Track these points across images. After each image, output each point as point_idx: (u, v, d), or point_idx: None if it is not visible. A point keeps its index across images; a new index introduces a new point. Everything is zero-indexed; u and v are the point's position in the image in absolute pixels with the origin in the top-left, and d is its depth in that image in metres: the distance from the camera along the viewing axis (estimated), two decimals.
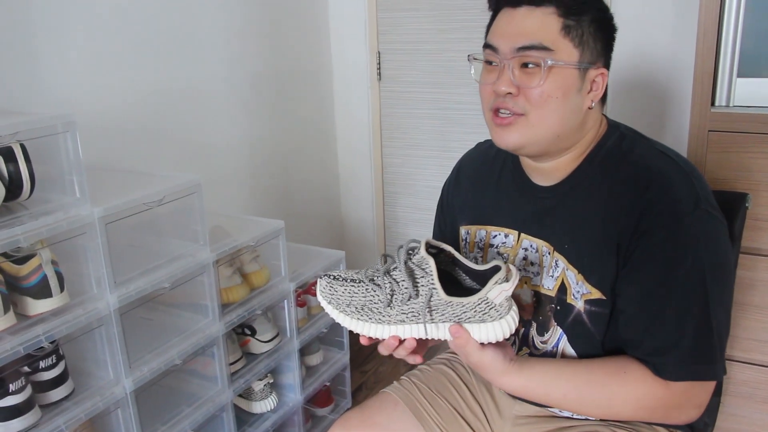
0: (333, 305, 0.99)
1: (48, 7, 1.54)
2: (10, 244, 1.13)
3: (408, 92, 2.54)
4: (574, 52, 1.02)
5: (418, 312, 0.95)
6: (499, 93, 1.04)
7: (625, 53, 2.13)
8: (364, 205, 2.79)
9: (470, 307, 0.94)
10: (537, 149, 1.07)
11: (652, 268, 1.01)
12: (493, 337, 0.96)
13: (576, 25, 1.01)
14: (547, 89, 1.01)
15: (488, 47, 1.07)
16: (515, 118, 1.04)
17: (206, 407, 1.60)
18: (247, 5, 2.17)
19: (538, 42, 1.00)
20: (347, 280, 0.98)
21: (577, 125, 1.07)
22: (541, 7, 1.01)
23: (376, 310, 0.97)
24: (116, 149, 1.76)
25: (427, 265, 0.93)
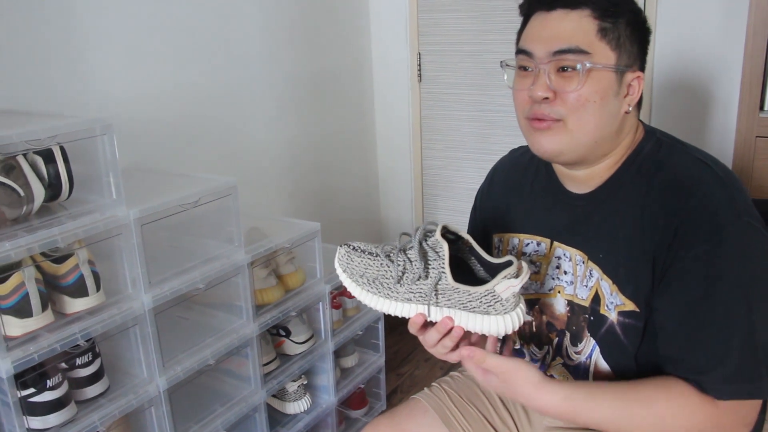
0: (347, 274, 1.00)
1: (90, 12, 1.58)
2: (48, 244, 1.16)
3: (448, 94, 2.52)
4: (611, 55, 0.99)
5: (425, 293, 0.96)
6: (536, 98, 1.01)
7: (669, 55, 2.07)
8: (403, 207, 2.78)
9: (476, 297, 0.95)
10: (575, 156, 1.04)
11: (693, 283, 0.97)
12: (494, 330, 0.96)
13: (612, 28, 0.99)
14: (584, 93, 0.98)
15: (522, 52, 1.04)
16: (552, 123, 1.01)
17: (239, 407, 1.61)
18: (288, 7, 2.19)
19: (575, 45, 0.98)
20: (365, 252, 1.00)
21: (615, 131, 1.04)
22: (576, 10, 0.99)
23: (386, 284, 0.98)
24: (156, 150, 1.79)
25: (441, 249, 0.94)
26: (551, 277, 1.16)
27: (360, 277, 0.99)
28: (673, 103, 2.10)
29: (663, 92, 2.09)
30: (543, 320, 1.19)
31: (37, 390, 1.20)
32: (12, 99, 1.44)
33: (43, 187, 1.20)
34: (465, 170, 2.57)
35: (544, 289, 1.17)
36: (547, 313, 1.18)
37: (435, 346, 1.02)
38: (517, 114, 1.08)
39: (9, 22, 1.42)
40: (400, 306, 0.99)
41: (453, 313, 0.98)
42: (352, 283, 1.00)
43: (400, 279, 0.97)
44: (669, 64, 2.06)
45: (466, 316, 0.97)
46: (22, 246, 1.12)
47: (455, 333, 0.99)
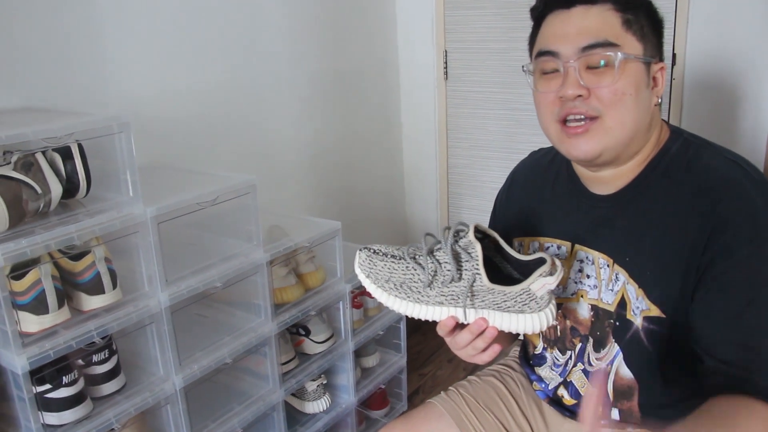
0: (371, 279, 0.96)
1: (113, 11, 1.59)
2: (65, 241, 1.16)
3: (475, 92, 2.49)
4: (638, 46, 0.97)
5: (458, 295, 0.93)
6: (568, 97, 0.98)
7: (700, 53, 2.02)
8: (428, 206, 2.75)
9: (511, 297, 0.92)
10: (613, 154, 1.01)
11: (736, 288, 0.93)
12: (530, 328, 0.94)
13: (635, 19, 0.97)
14: (620, 87, 0.96)
15: (545, 54, 1.01)
16: (589, 123, 0.98)
17: (257, 406, 1.61)
18: (313, 5, 2.18)
19: (604, 39, 0.95)
20: (387, 255, 0.96)
21: (647, 125, 1.01)
22: (597, 5, 0.97)
23: (415, 288, 0.94)
24: (179, 148, 1.80)
25: (473, 250, 0.91)
26: (573, 281, 1.13)
27: (386, 282, 0.96)
28: (703, 102, 2.04)
29: (694, 91, 2.03)
30: (567, 325, 1.16)
31: (53, 386, 1.21)
32: (35, 97, 1.45)
33: (60, 184, 1.20)
34: (491, 169, 2.53)
35: (567, 293, 1.14)
36: (570, 317, 1.15)
37: (465, 347, 0.99)
38: (545, 119, 1.04)
39: (32, 22, 1.43)
40: (432, 310, 0.96)
41: (487, 314, 0.95)
42: (377, 289, 0.97)
43: (431, 282, 0.94)
44: (700, 63, 2.00)
45: (500, 316, 0.95)
46: (38, 243, 1.12)
47: (489, 334, 0.96)
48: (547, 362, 1.21)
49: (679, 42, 2.01)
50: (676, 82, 2.05)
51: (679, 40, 2.01)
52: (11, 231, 1.13)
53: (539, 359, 1.23)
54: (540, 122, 1.07)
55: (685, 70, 2.03)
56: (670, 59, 2.03)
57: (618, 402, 1.09)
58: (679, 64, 2.03)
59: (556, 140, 1.05)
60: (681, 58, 2.03)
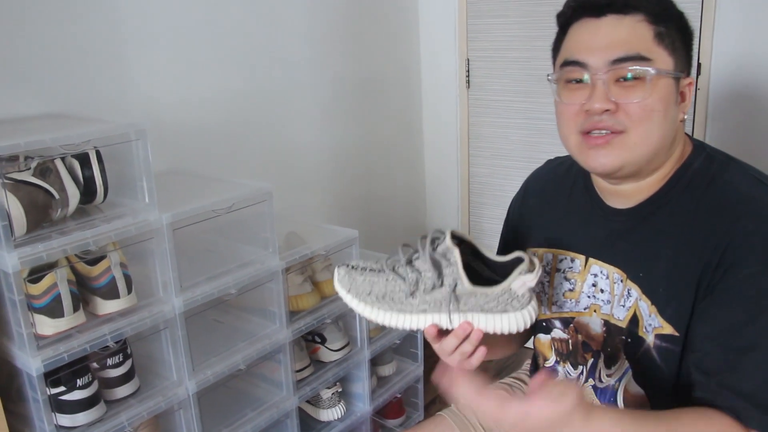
0: (352, 294, 0.97)
1: (135, 19, 1.61)
2: (80, 246, 1.18)
3: (497, 101, 2.47)
4: (669, 60, 0.95)
5: (440, 301, 0.93)
6: (595, 111, 0.95)
7: (726, 63, 1.98)
8: (449, 215, 2.74)
9: (493, 297, 0.93)
10: (633, 169, 0.99)
11: (738, 304, 0.91)
12: (514, 327, 0.94)
13: (666, 32, 0.94)
14: (650, 103, 0.93)
15: (572, 63, 0.98)
16: (611, 136, 0.96)
17: (270, 412, 1.61)
18: (336, 12, 2.19)
19: (635, 52, 0.93)
20: (366, 270, 0.97)
21: (672, 141, 0.99)
22: (629, 15, 0.94)
23: (397, 299, 0.95)
24: (199, 154, 1.82)
25: (452, 255, 0.91)
26: (587, 295, 1.11)
27: (367, 295, 0.96)
28: (730, 113, 2.00)
29: (720, 102, 1.99)
30: (579, 339, 1.14)
31: (68, 388, 1.23)
32: (58, 104, 1.48)
33: (78, 190, 1.22)
34: (512, 178, 2.51)
35: (579, 307, 1.12)
36: (582, 332, 1.13)
37: (453, 353, 0.98)
38: (566, 130, 1.02)
39: (56, 30, 1.46)
40: (416, 318, 0.95)
41: (471, 317, 0.95)
42: (359, 303, 0.97)
43: (413, 292, 0.94)
44: (726, 73, 1.97)
45: (484, 318, 0.95)
46: (54, 248, 1.15)
47: (474, 336, 0.95)
48: (559, 376, 1.20)
49: (705, 51, 1.98)
50: (701, 92, 2.01)
51: (705, 48, 1.98)
52: (29, 235, 1.15)
53: (553, 372, 1.21)
54: (560, 132, 1.05)
55: (711, 79, 2.00)
56: (695, 68, 2.00)
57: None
58: (704, 74, 2.00)
59: (575, 151, 1.02)
60: (706, 67, 1.99)
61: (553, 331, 1.17)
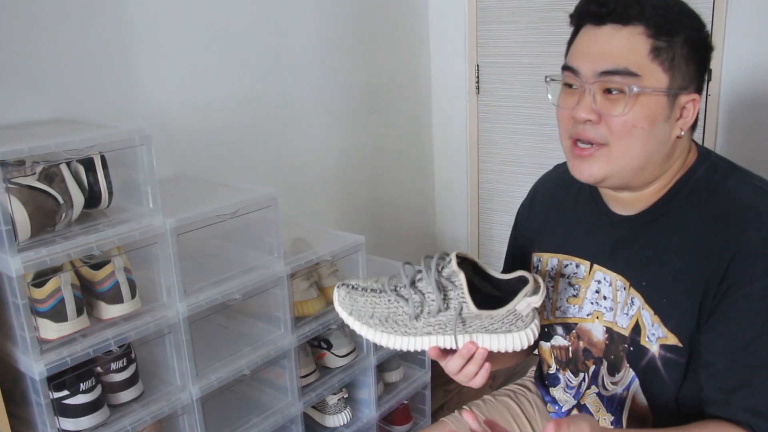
0: (354, 317, 0.96)
1: (143, 24, 1.62)
2: (84, 251, 1.19)
3: (506, 107, 2.46)
4: (663, 77, 0.92)
5: (445, 324, 0.93)
6: (578, 119, 0.96)
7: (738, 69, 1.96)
8: (458, 221, 2.73)
9: (498, 319, 0.93)
10: (618, 182, 0.99)
11: (748, 320, 0.90)
12: (518, 345, 0.95)
13: (667, 47, 0.92)
14: (631, 118, 0.92)
15: (568, 69, 0.98)
16: (596, 148, 0.96)
17: (275, 418, 1.61)
18: (345, 18, 2.19)
19: (624, 67, 0.92)
20: (367, 290, 0.96)
21: (664, 156, 0.97)
22: (628, 26, 0.92)
23: (401, 322, 0.94)
24: (207, 159, 1.82)
25: (457, 279, 0.92)
26: (590, 301, 1.10)
27: (370, 318, 0.95)
28: (741, 119, 1.98)
29: (731, 108, 1.97)
30: (580, 346, 1.13)
31: (71, 392, 1.23)
32: (66, 109, 1.49)
33: (82, 195, 1.23)
34: (522, 184, 2.50)
35: (582, 313, 1.12)
36: (584, 339, 1.12)
37: (458, 373, 0.98)
38: (560, 133, 1.03)
39: (64, 36, 1.47)
40: (420, 340, 0.96)
41: (475, 338, 0.95)
42: (363, 326, 0.96)
43: (418, 315, 0.93)
44: (738, 78, 1.95)
45: (489, 338, 0.95)
46: (58, 252, 1.15)
47: (479, 356, 0.96)
48: (560, 383, 1.19)
49: (716, 56, 1.96)
50: (712, 98, 1.99)
51: (716, 54, 1.96)
52: (33, 240, 1.16)
53: (553, 379, 1.20)
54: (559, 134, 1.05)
55: (721, 85, 1.98)
56: None
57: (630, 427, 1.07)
58: (714, 80, 1.98)
59: (567, 157, 1.03)
60: (717, 73, 1.97)
61: (553, 338, 1.17)
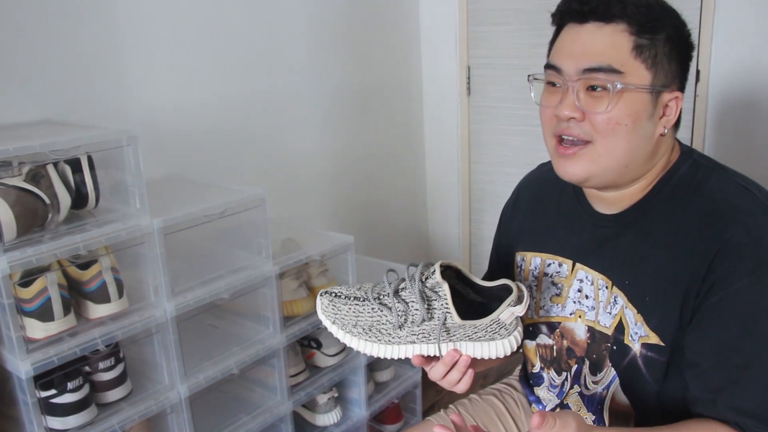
0: (338, 325, 0.96)
1: (134, 24, 1.63)
2: (70, 251, 1.20)
3: (497, 108, 2.47)
4: (646, 75, 0.93)
5: (429, 333, 0.94)
6: (562, 117, 0.96)
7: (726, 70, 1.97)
8: (450, 222, 2.74)
9: (482, 328, 0.94)
10: (603, 181, 0.99)
11: (733, 319, 0.91)
12: (501, 353, 0.96)
13: (649, 45, 0.93)
14: (615, 115, 0.93)
15: (551, 67, 0.99)
16: (580, 147, 0.96)
17: (264, 417, 1.62)
18: (336, 20, 2.20)
19: (607, 64, 0.92)
20: (350, 298, 0.96)
21: (648, 154, 0.98)
22: (610, 24, 0.93)
23: (385, 331, 0.95)
24: (198, 160, 1.83)
25: (441, 289, 0.92)
26: (572, 300, 1.11)
27: (353, 327, 0.95)
28: (729, 120, 1.99)
29: (719, 109, 1.98)
30: (564, 345, 1.14)
31: (58, 391, 1.24)
32: (56, 111, 1.50)
33: (69, 195, 1.24)
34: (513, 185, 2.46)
35: (565, 312, 1.13)
36: (567, 338, 1.13)
37: (442, 379, 0.99)
38: (544, 132, 1.03)
39: (53, 37, 1.48)
40: (404, 349, 0.96)
41: (459, 346, 0.96)
42: (346, 335, 0.96)
43: (402, 325, 0.94)
44: (726, 79, 1.96)
45: (472, 346, 0.96)
46: (44, 252, 1.16)
47: (462, 363, 0.96)
48: (544, 382, 1.19)
49: (704, 58, 1.97)
50: (700, 99, 2.00)
51: (704, 55, 1.97)
52: (19, 240, 1.17)
53: (537, 379, 1.21)
54: (543, 133, 1.06)
55: (710, 86, 1.99)
56: (693, 75, 1.99)
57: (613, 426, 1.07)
58: (703, 81, 1.99)
59: (551, 155, 1.04)
60: (705, 74, 1.99)
61: (538, 337, 1.17)
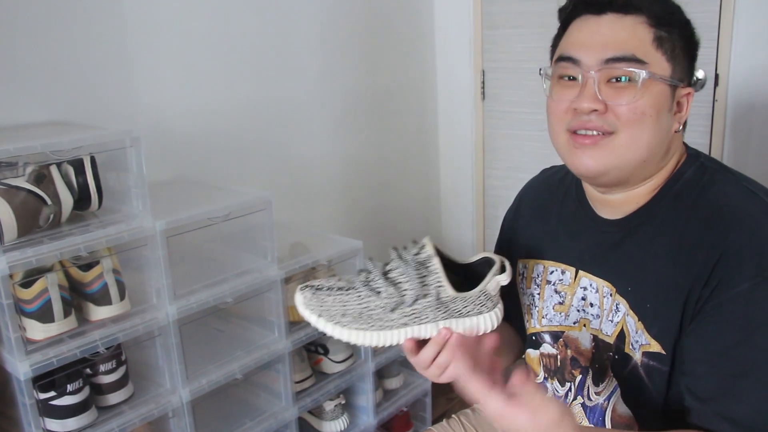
0: (325, 318, 0.90)
1: (144, 27, 1.63)
2: (71, 252, 1.19)
3: (512, 112, 2.44)
4: (666, 67, 0.92)
5: (420, 312, 0.91)
6: (582, 110, 0.93)
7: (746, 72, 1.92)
8: (464, 227, 2.71)
9: (471, 301, 0.93)
10: (619, 176, 0.96)
11: (730, 325, 0.87)
12: (489, 326, 0.95)
13: (668, 37, 0.92)
14: (641, 105, 0.90)
15: (566, 59, 0.96)
16: (600, 138, 0.93)
17: (269, 422, 1.60)
18: (350, 24, 2.19)
19: (631, 53, 0.90)
20: (333, 289, 0.91)
21: (663, 151, 0.96)
22: (629, 15, 0.91)
23: (376, 316, 0.90)
24: (208, 164, 1.83)
25: (431, 263, 0.90)
26: (576, 308, 1.08)
27: (342, 317, 0.90)
28: (749, 125, 1.93)
29: (738, 114, 1.93)
30: (567, 354, 1.11)
31: (58, 393, 1.23)
32: (64, 112, 1.50)
33: (71, 196, 1.23)
34: None
35: (569, 321, 1.10)
36: (571, 347, 1.10)
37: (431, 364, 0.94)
38: (555, 128, 1.00)
39: (63, 38, 1.48)
40: (396, 333, 0.92)
41: (448, 324, 0.92)
42: (335, 327, 0.90)
43: (395, 308, 0.90)
44: (745, 83, 1.91)
45: (462, 322, 0.93)
46: (44, 253, 1.16)
47: (453, 341, 0.91)
48: (547, 393, 1.16)
49: (723, 61, 1.92)
50: (719, 103, 1.95)
51: (723, 59, 1.92)
52: (20, 240, 1.17)
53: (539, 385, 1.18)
54: (549, 131, 1.03)
55: (729, 90, 1.94)
56: (712, 79, 1.95)
57: None
58: (722, 85, 1.94)
59: (563, 150, 1.00)
60: (724, 78, 1.94)
61: (542, 346, 1.15)
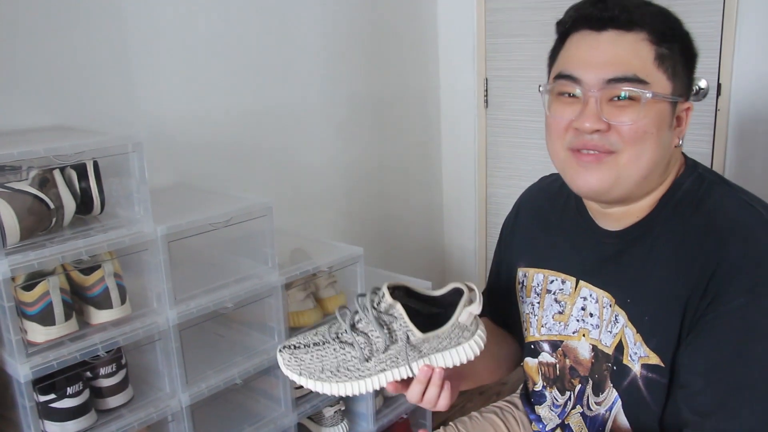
0: (306, 376, 0.95)
1: (145, 34, 1.65)
2: (72, 255, 1.20)
3: (515, 120, 2.45)
4: (667, 85, 0.91)
5: (396, 356, 0.94)
6: (584, 130, 0.92)
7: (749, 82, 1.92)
8: (466, 235, 2.72)
9: (445, 336, 0.94)
10: (620, 193, 0.95)
11: (726, 338, 0.87)
12: (471, 355, 0.96)
13: (669, 54, 0.91)
14: (643, 125, 0.90)
15: (565, 77, 0.95)
16: (603, 155, 0.92)
17: (268, 428, 1.60)
18: (354, 32, 2.20)
19: (632, 74, 0.89)
20: (309, 346, 0.95)
21: (664, 166, 0.96)
22: (631, 32, 0.90)
23: (353, 367, 0.94)
24: (210, 169, 1.83)
25: (395, 310, 0.92)
26: (576, 318, 1.08)
27: (321, 373, 0.94)
28: (751, 135, 1.94)
29: (740, 124, 1.94)
30: (566, 364, 1.11)
31: (58, 396, 1.24)
32: (69, 116, 1.51)
33: (74, 200, 1.24)
34: None
35: (568, 330, 1.10)
36: (570, 357, 1.10)
37: (421, 399, 0.97)
38: (554, 145, 0.99)
39: (66, 44, 1.50)
40: (376, 379, 0.96)
41: (428, 360, 0.95)
42: (317, 383, 0.95)
43: (368, 357, 0.94)
44: (748, 93, 1.91)
45: (441, 357, 0.96)
46: (46, 256, 1.16)
47: (437, 377, 0.95)
48: (546, 401, 1.16)
49: (725, 71, 1.93)
50: (722, 113, 1.96)
51: (725, 68, 1.93)
52: (22, 243, 1.17)
53: (539, 397, 1.18)
54: (548, 147, 1.02)
55: (731, 100, 1.94)
56: (714, 89, 1.95)
57: None
58: (724, 95, 1.95)
59: (562, 168, 1.00)
60: (726, 88, 1.94)
61: (540, 355, 1.15)
